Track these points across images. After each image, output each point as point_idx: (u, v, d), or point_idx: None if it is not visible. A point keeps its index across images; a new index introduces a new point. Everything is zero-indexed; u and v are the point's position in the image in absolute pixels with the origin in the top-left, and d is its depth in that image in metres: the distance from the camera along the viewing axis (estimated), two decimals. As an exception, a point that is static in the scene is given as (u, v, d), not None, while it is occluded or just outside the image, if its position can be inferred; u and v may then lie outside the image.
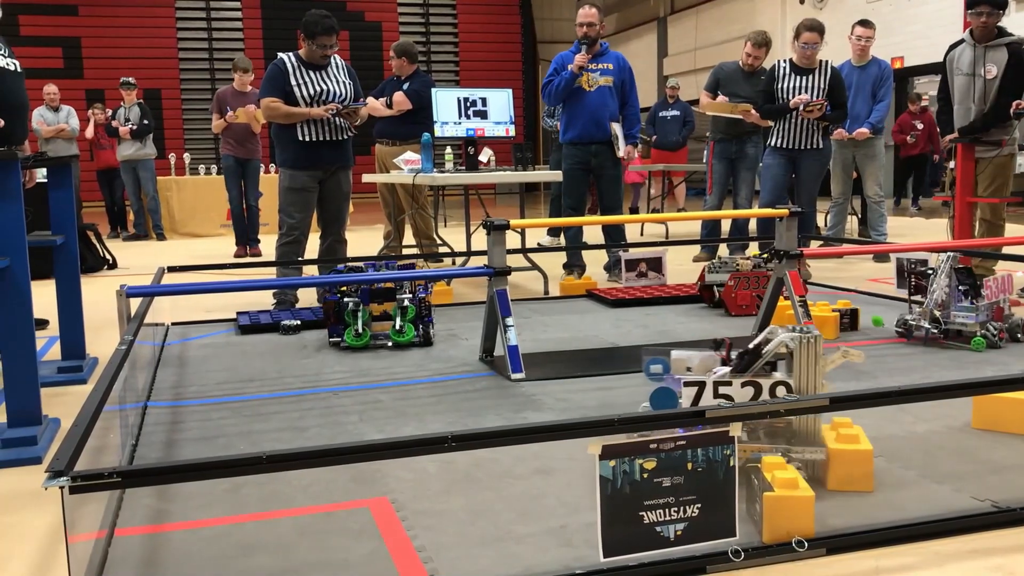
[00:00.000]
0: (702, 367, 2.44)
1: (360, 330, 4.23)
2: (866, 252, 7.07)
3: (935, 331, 3.97)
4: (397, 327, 4.28)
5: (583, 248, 6.53)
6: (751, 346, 2.40)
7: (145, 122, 10.54)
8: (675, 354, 2.47)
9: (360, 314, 4.24)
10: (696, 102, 8.30)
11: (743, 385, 2.34)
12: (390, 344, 4.27)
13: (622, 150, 6.22)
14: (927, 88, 17.45)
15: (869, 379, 3.47)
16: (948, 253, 4.01)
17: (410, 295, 4.32)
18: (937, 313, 3.98)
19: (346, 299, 4.25)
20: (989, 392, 2.56)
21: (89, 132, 11.30)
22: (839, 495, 2.29)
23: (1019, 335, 4.02)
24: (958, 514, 2.15)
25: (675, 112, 11.65)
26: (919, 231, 9.59)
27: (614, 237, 6.48)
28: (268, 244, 8.97)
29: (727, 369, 2.41)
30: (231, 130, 8.94)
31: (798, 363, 2.33)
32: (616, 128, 6.20)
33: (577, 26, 6.15)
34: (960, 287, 3.95)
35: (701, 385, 2.35)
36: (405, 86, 7.04)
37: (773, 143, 6.30)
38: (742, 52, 7.27)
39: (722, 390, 2.34)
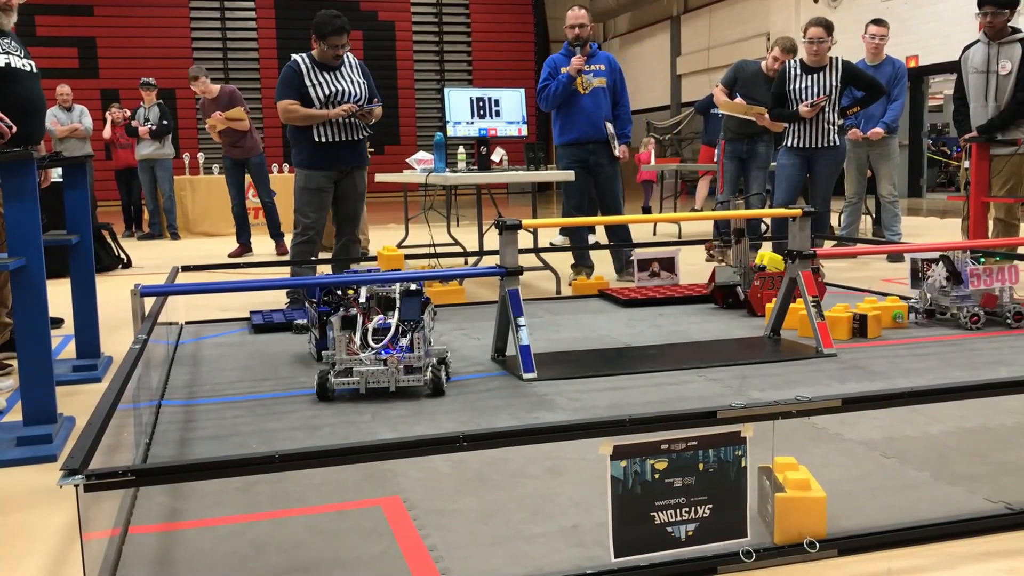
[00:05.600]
0: None
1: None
2: (880, 252, 7.03)
3: (923, 313, 4.53)
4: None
5: (591, 248, 6.52)
6: None
7: (164, 122, 10.60)
8: None
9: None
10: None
11: None
12: None
13: (617, 150, 6.22)
14: (942, 87, 17.38)
15: (883, 380, 3.46)
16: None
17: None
18: (928, 296, 4.54)
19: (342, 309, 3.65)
20: (1003, 394, 2.54)
21: (107, 132, 11.38)
22: (847, 496, 2.29)
23: (1009, 321, 4.37)
24: (971, 516, 2.14)
25: None
26: (933, 231, 9.55)
27: (619, 236, 6.47)
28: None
29: None
30: (223, 134, 9.10)
31: None
32: (611, 128, 6.21)
33: (567, 28, 6.14)
34: (943, 274, 4.44)
35: None
36: None
37: (788, 143, 6.28)
38: (768, 56, 7.22)
39: None
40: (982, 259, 4.47)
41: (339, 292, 3.68)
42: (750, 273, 4.99)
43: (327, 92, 5.03)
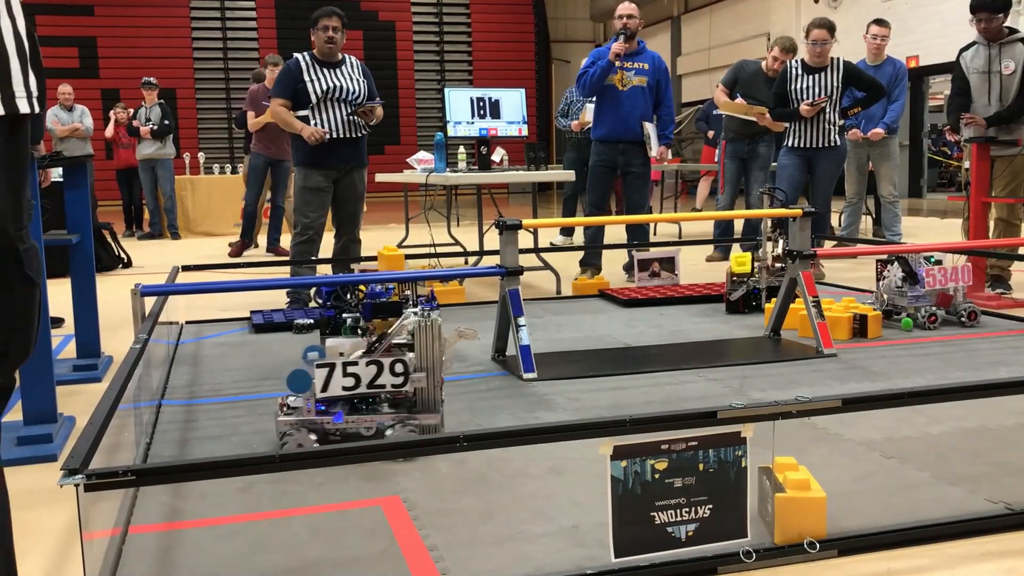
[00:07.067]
0: (353, 351, 2.66)
1: None
2: (880, 252, 7.01)
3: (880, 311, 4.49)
4: None
5: (601, 247, 6.51)
6: (388, 331, 2.68)
7: (166, 122, 10.60)
8: (330, 342, 2.70)
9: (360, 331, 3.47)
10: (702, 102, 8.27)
11: (367, 364, 2.56)
12: None
13: (655, 150, 6.18)
14: (943, 87, 17.35)
15: (883, 380, 3.46)
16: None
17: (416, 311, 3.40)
18: (884, 296, 4.60)
19: (344, 315, 3.44)
20: (1003, 394, 2.55)
21: (109, 131, 11.40)
22: (847, 496, 2.29)
23: (963, 320, 4.45)
24: (971, 516, 2.14)
25: None
26: (934, 231, 9.54)
27: (637, 236, 6.46)
28: (283, 243, 9.00)
29: (359, 351, 2.64)
30: (266, 129, 8.85)
31: (419, 343, 2.64)
32: (649, 128, 6.16)
33: (617, 18, 6.14)
34: (899, 275, 4.51)
35: (332, 366, 2.54)
36: None
37: (789, 143, 6.28)
38: (768, 56, 7.22)
39: (350, 369, 2.55)
40: (933, 259, 4.51)
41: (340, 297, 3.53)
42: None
43: (325, 88, 5.05)
